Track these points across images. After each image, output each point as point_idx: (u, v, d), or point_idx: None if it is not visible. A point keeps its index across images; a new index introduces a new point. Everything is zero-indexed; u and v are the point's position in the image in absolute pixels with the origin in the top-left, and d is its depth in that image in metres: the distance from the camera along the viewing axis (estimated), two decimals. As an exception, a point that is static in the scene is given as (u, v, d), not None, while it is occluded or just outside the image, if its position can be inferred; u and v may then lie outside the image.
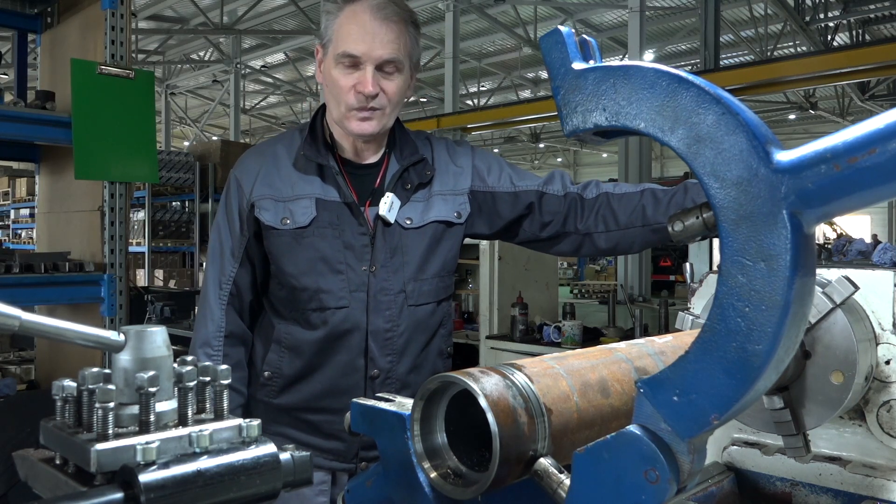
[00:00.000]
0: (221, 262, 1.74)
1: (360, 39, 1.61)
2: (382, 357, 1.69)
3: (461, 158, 1.83)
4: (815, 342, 1.03)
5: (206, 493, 0.60)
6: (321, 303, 1.67)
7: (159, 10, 15.56)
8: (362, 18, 1.62)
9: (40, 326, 0.62)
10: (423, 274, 1.73)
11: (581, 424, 0.82)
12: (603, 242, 1.76)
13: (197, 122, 22.59)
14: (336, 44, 1.64)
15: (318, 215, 1.67)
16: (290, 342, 1.71)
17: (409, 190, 1.74)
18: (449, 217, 1.76)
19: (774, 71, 8.09)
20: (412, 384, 1.72)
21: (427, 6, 14.31)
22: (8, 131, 3.32)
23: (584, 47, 0.71)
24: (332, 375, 1.69)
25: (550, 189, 1.80)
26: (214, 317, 1.72)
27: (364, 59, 1.62)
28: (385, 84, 1.65)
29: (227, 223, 1.75)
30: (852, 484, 1.11)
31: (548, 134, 24.28)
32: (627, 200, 1.72)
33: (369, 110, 1.65)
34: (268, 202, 1.69)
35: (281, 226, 1.67)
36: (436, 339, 1.79)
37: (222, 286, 1.73)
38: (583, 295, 14.37)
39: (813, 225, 0.61)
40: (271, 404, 1.74)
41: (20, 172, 13.06)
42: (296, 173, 1.71)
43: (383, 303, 1.68)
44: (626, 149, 10.53)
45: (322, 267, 1.67)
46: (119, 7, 3.46)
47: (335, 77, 1.65)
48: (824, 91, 18.18)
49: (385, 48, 1.61)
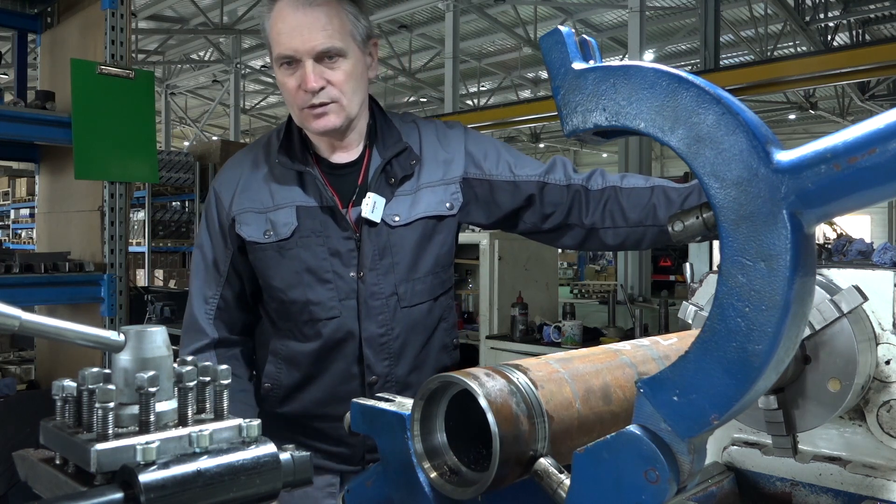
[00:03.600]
0: (206, 276, 1.70)
1: (289, 37, 1.54)
2: (379, 363, 1.64)
3: (452, 143, 1.73)
4: (817, 348, 1.03)
5: (206, 493, 0.60)
6: (312, 315, 1.63)
7: (159, 10, 15.56)
8: (286, 14, 1.55)
9: (40, 326, 0.62)
10: (416, 273, 1.66)
11: (581, 430, 0.82)
12: (610, 238, 1.66)
13: (197, 122, 22.59)
14: (272, 47, 1.59)
15: (299, 224, 1.61)
16: (286, 354, 1.68)
17: (394, 184, 1.64)
18: (439, 210, 1.66)
19: (774, 71, 8.09)
20: (414, 384, 1.67)
21: (427, 6, 14.31)
22: (8, 131, 3.32)
23: (584, 47, 0.71)
24: (330, 384, 1.66)
25: (552, 178, 1.70)
26: (202, 333, 1.69)
27: (298, 55, 1.54)
28: (330, 75, 1.56)
29: (209, 238, 1.70)
30: (852, 484, 1.11)
31: (548, 134, 24.28)
32: (637, 197, 1.62)
33: (321, 106, 1.57)
34: (248, 215, 1.64)
35: (264, 239, 1.62)
36: (436, 335, 1.73)
37: (208, 301, 1.70)
38: (583, 295, 14.40)
39: (813, 225, 0.61)
40: (275, 414, 1.72)
41: (20, 172, 13.06)
42: (274, 182, 1.65)
43: (375, 308, 1.62)
44: (626, 149, 10.54)
45: (309, 278, 1.61)
46: (119, 7, 3.46)
47: (281, 80, 1.60)
48: (824, 91, 18.18)
49: (315, 38, 1.53)
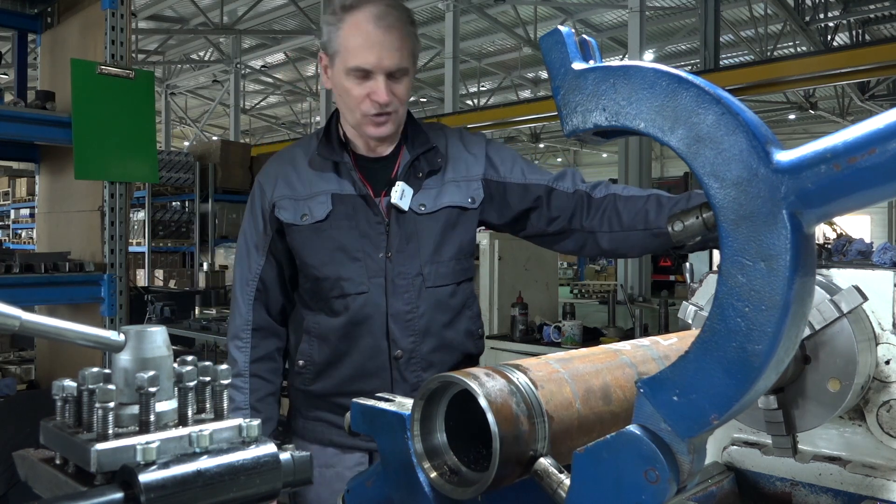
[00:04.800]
0: (248, 260, 1.85)
1: (368, 52, 1.67)
2: (405, 338, 1.76)
3: (474, 147, 1.90)
4: (817, 348, 1.03)
5: (206, 493, 0.60)
6: (342, 290, 1.76)
7: (159, 10, 15.57)
8: (366, 30, 1.67)
9: (40, 326, 0.62)
10: (440, 257, 1.80)
11: (581, 430, 0.82)
12: (605, 243, 1.81)
13: (197, 122, 22.59)
14: (344, 57, 1.70)
15: (334, 209, 1.76)
16: (318, 331, 1.80)
17: (421, 178, 1.81)
18: (463, 202, 1.83)
19: (774, 71, 8.10)
20: (437, 364, 1.79)
21: (427, 6, 14.31)
22: (8, 131, 3.32)
23: (584, 47, 0.71)
24: (358, 359, 1.77)
25: (560, 186, 1.85)
26: (241, 312, 1.84)
27: (375, 70, 1.69)
28: (395, 88, 1.73)
29: (252, 225, 1.86)
30: (852, 484, 1.11)
31: (548, 134, 24.28)
32: (633, 203, 1.78)
33: (385, 115, 1.73)
34: (287, 202, 1.80)
35: (300, 222, 1.77)
36: (461, 320, 1.85)
37: (248, 283, 1.84)
38: (583, 295, 14.39)
39: (813, 225, 0.61)
40: (308, 391, 1.84)
41: (20, 172, 13.07)
42: (313, 172, 1.81)
43: (401, 286, 1.76)
44: (626, 149, 10.53)
45: (341, 256, 1.76)
46: (119, 7, 3.46)
47: (347, 88, 1.72)
48: (824, 91, 18.18)
49: (393, 58, 1.68)
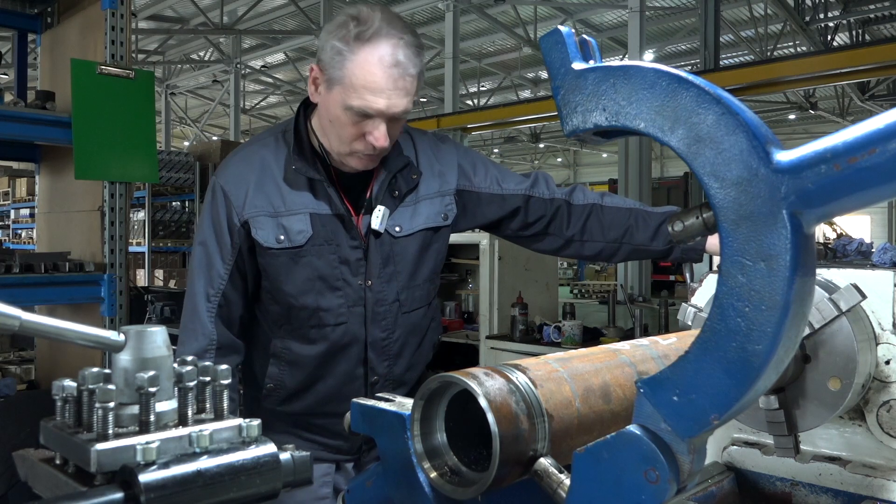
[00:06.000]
0: (209, 274, 1.67)
1: (375, 98, 1.52)
2: (380, 363, 1.72)
3: (446, 157, 1.80)
4: (817, 347, 1.03)
5: (206, 493, 0.60)
6: (320, 320, 1.66)
7: (159, 10, 15.55)
8: (377, 73, 1.51)
9: (40, 326, 0.62)
10: (415, 280, 1.74)
11: (581, 429, 0.82)
12: (587, 250, 1.83)
13: (197, 122, 22.58)
14: (348, 91, 1.53)
15: (313, 232, 1.63)
16: (289, 357, 1.70)
17: (398, 198, 1.70)
18: (437, 222, 1.75)
19: (774, 71, 8.08)
20: (407, 381, 1.79)
21: (427, 6, 14.30)
22: (8, 131, 3.32)
23: (584, 47, 0.71)
24: (334, 385, 1.72)
25: (537, 192, 1.83)
26: (206, 331, 1.66)
27: (378, 115, 1.55)
28: (393, 130, 1.60)
29: (213, 233, 1.67)
30: (852, 484, 1.11)
31: (548, 134, 24.27)
32: (616, 216, 1.78)
33: (376, 155, 1.62)
34: (262, 219, 1.63)
35: (276, 245, 1.62)
36: (428, 336, 1.84)
37: (211, 299, 1.67)
38: (583, 295, 14.37)
39: (813, 225, 0.61)
40: (276, 411, 1.76)
41: (20, 172, 13.04)
42: (286, 186, 1.65)
43: (380, 314, 1.70)
44: (626, 149, 10.52)
45: (320, 286, 1.64)
46: (119, 7, 3.46)
47: (343, 122, 1.57)
48: (824, 91, 18.17)
49: (399, 104, 1.55)
